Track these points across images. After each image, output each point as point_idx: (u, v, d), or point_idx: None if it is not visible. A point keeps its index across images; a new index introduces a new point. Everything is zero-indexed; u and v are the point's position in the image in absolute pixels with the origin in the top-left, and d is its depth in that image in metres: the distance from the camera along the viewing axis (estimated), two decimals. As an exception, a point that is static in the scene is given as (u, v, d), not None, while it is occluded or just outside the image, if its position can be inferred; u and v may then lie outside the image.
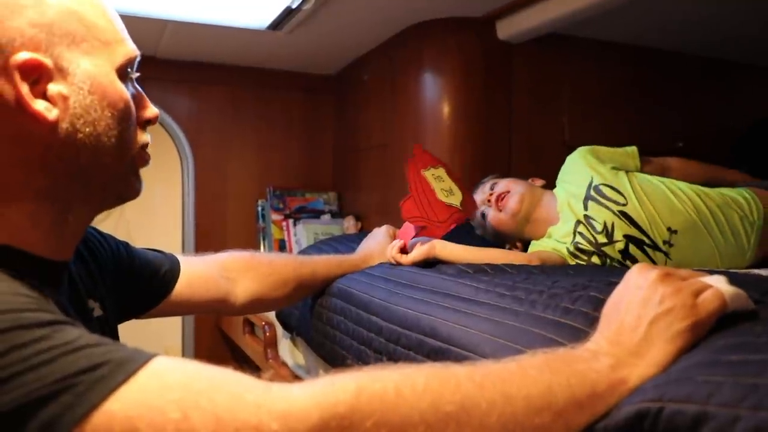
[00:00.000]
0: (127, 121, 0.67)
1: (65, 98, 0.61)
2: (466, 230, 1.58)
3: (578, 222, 1.34)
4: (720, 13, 1.96)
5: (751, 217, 1.35)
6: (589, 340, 0.61)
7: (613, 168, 1.40)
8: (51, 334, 0.49)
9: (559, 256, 1.32)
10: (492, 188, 1.52)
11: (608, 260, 1.30)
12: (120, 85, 0.66)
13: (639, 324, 0.58)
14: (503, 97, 2.05)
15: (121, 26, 0.69)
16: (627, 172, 1.39)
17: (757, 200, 1.38)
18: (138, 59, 0.71)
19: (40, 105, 0.59)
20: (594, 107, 2.21)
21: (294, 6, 1.79)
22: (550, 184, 1.53)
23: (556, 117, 2.15)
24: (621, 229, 1.29)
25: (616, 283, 0.65)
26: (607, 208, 1.32)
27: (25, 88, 0.58)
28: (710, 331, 0.57)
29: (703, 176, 1.51)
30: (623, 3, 1.67)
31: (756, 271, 1.19)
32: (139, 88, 0.72)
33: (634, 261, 1.28)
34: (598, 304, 0.71)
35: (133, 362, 0.49)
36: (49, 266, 0.65)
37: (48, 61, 0.60)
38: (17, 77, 0.58)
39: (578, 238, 1.32)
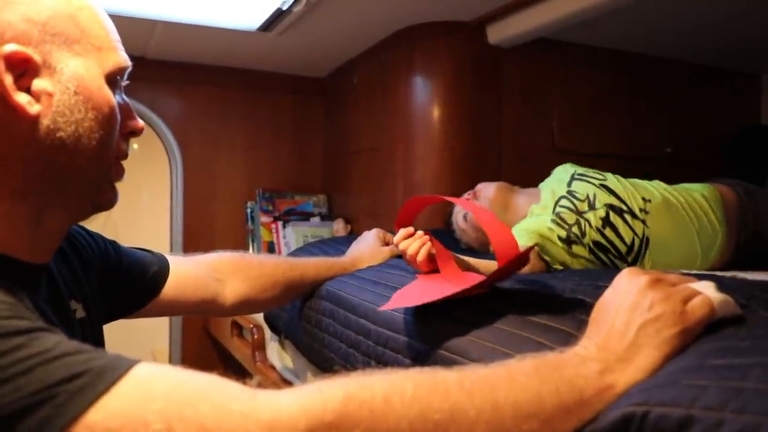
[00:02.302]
0: (111, 126, 0.67)
1: (49, 95, 0.61)
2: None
3: (561, 197, 1.39)
4: (709, 21, 1.98)
5: (712, 198, 1.45)
6: (578, 344, 0.61)
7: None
8: (28, 343, 0.48)
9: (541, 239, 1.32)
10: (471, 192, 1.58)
11: (588, 230, 1.30)
12: (107, 91, 0.66)
13: (628, 329, 0.58)
14: (493, 101, 2.06)
15: (115, 37, 0.70)
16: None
17: (712, 188, 1.49)
18: (129, 70, 0.71)
19: (22, 98, 0.59)
20: (583, 112, 2.23)
21: (284, 8, 1.79)
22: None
23: (545, 121, 2.16)
24: (602, 199, 1.35)
25: (604, 287, 0.66)
26: (590, 182, 1.40)
27: (8, 79, 0.58)
28: (697, 335, 0.58)
29: None
30: (612, 9, 1.68)
31: (742, 274, 1.20)
32: (127, 100, 0.73)
33: (614, 228, 1.31)
34: (586, 307, 0.71)
35: (115, 370, 0.48)
36: (26, 268, 0.64)
37: (36, 57, 0.60)
38: (1, 67, 0.58)
39: (559, 209, 1.35)
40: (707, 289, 0.61)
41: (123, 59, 0.69)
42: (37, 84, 0.60)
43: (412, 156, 2.07)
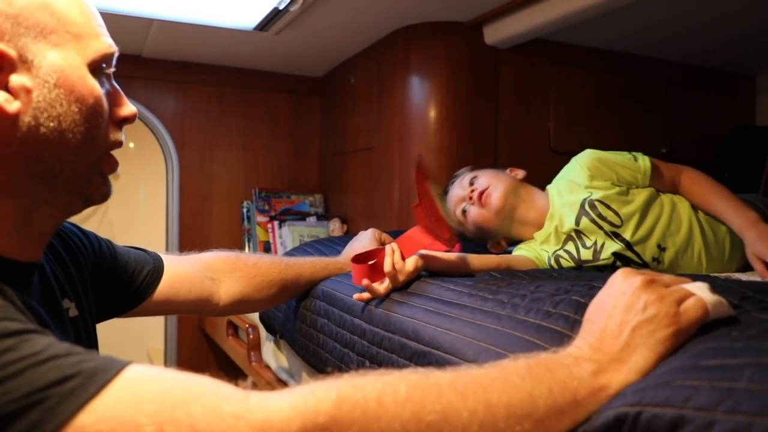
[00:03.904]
0: (97, 117, 0.65)
1: (28, 91, 0.59)
2: None
3: (569, 237, 1.31)
4: (705, 22, 1.98)
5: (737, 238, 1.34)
6: (572, 344, 0.61)
7: (615, 185, 1.34)
8: (18, 345, 0.47)
9: (532, 261, 1.31)
10: (472, 183, 1.44)
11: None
12: (91, 80, 0.64)
13: (622, 330, 0.58)
14: (490, 102, 2.06)
15: (97, 21, 0.67)
16: (629, 189, 1.34)
17: None
18: (115, 55, 0.69)
19: None
20: (579, 113, 2.23)
21: (281, 7, 1.79)
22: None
23: (542, 122, 2.16)
24: (611, 248, 1.27)
25: (598, 288, 0.66)
26: (600, 227, 1.28)
27: None
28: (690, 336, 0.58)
29: (707, 207, 1.35)
30: (609, 10, 1.69)
31: (737, 275, 1.21)
32: (116, 86, 0.70)
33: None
34: (580, 307, 0.72)
35: (106, 372, 0.48)
36: (16, 267, 0.64)
37: (11, 52, 0.58)
38: None
39: (561, 251, 1.31)
40: (701, 291, 0.61)
41: (106, 45, 0.67)
42: (15, 80, 0.59)
43: (409, 156, 2.07)
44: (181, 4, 1.82)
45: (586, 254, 1.29)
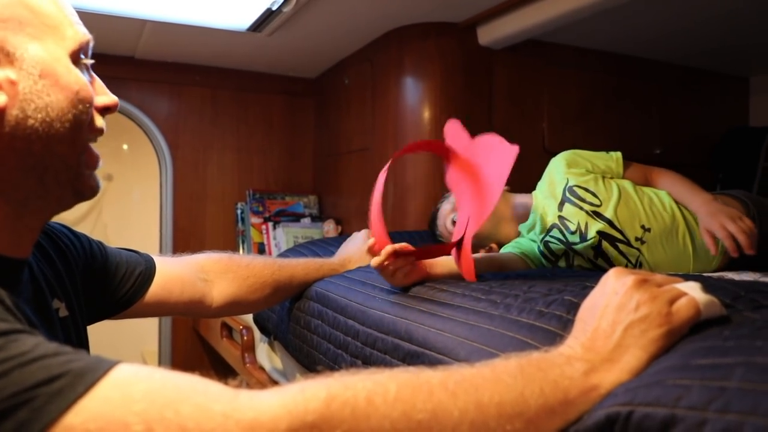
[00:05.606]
0: (84, 103, 0.65)
1: (13, 83, 0.60)
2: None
3: (553, 225, 1.35)
4: (698, 23, 1.99)
5: None
6: (564, 343, 0.61)
7: (591, 172, 1.41)
8: (5, 345, 0.47)
9: (520, 259, 1.32)
10: None
11: (578, 258, 1.31)
12: (75, 70, 0.65)
13: (614, 330, 0.58)
14: (484, 103, 2.06)
15: (70, 11, 0.67)
16: (604, 178, 1.40)
17: None
18: (91, 44, 0.69)
19: None
20: (573, 113, 2.24)
21: (274, 8, 1.78)
22: (530, 190, 1.53)
23: (536, 123, 2.17)
24: (594, 227, 1.31)
25: (591, 287, 0.66)
26: (581, 208, 1.33)
27: None
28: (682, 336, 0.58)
29: (674, 194, 1.41)
30: (602, 11, 1.69)
31: (729, 275, 1.21)
32: (95, 76, 0.71)
33: (606, 258, 1.30)
34: (572, 307, 0.71)
35: (94, 372, 0.47)
36: (5, 263, 0.63)
37: None
38: None
39: (549, 238, 1.34)
40: (693, 290, 0.61)
41: (81, 34, 0.67)
42: None
43: (403, 157, 2.07)
44: (174, 5, 1.82)
45: (573, 238, 1.32)
